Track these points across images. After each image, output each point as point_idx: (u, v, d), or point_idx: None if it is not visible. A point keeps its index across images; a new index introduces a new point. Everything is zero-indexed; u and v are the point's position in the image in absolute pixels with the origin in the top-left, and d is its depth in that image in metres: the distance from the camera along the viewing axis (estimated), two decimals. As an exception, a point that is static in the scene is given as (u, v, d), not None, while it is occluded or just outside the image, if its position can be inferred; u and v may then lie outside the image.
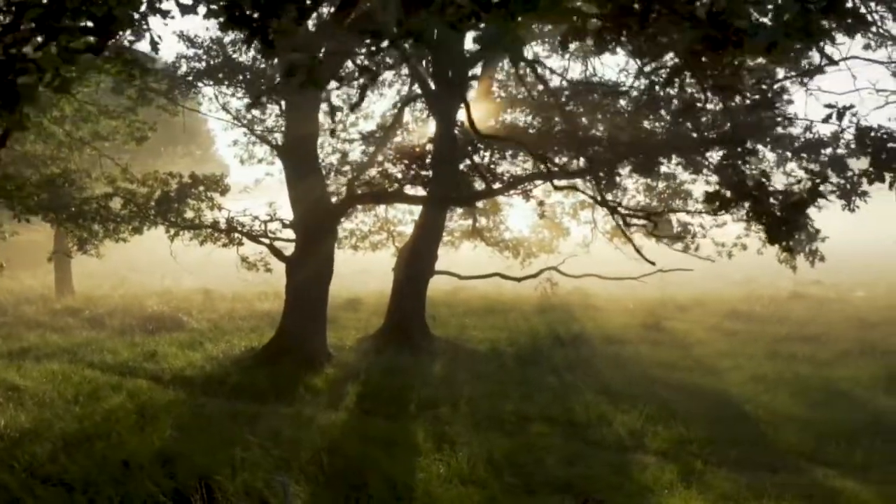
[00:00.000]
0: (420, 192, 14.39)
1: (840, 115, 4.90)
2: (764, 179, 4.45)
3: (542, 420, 9.42)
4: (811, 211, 15.82)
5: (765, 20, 2.70)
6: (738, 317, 18.65)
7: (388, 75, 18.12)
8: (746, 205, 4.41)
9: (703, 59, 2.84)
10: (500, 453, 7.77)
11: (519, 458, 7.62)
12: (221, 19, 3.03)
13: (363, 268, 28.17)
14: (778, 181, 16.77)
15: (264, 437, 7.83)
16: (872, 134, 5.68)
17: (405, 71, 16.81)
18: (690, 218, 17.87)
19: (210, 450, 6.98)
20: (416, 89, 15.02)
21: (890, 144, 5.53)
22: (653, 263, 12.73)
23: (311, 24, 11.76)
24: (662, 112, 9.91)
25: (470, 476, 7.01)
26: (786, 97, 16.76)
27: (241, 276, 16.73)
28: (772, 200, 4.26)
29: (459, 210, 21.14)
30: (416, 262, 15.23)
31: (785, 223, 4.08)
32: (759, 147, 11.67)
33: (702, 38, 2.62)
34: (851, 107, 4.95)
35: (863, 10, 13.76)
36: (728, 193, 4.58)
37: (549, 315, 19.21)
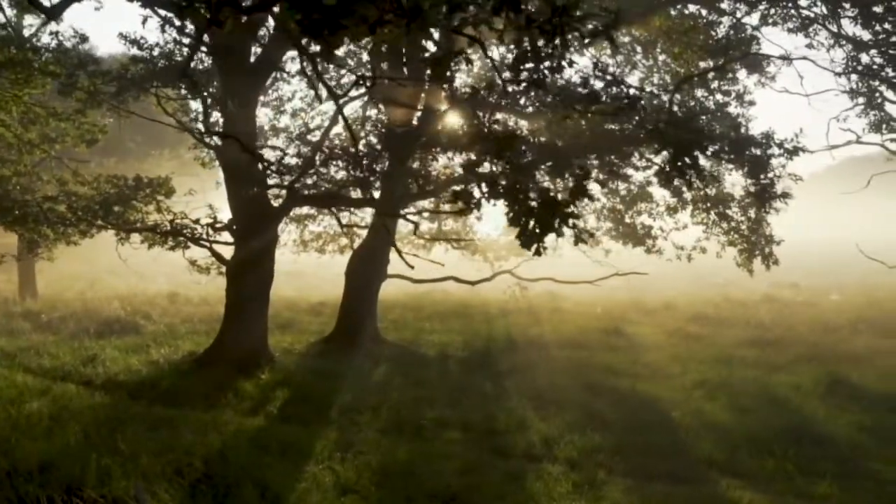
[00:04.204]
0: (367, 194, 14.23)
1: (632, 105, 4.67)
2: (521, 178, 4.25)
3: (460, 427, 9.25)
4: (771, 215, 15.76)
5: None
6: (702, 320, 18.41)
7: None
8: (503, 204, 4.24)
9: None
10: (399, 461, 7.62)
11: (416, 467, 7.45)
12: None
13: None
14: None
15: (162, 443, 7.71)
16: (672, 132, 5.47)
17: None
18: (652, 221, 17.75)
19: (87, 458, 6.82)
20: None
21: (686, 137, 5.31)
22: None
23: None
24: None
25: (354, 485, 6.86)
26: (747, 98, 16.80)
27: (213, 280, 16.54)
28: (532, 201, 4.07)
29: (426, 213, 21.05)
30: (368, 265, 15.09)
31: (541, 224, 3.89)
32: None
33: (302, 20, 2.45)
34: (640, 99, 4.74)
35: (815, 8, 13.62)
36: (476, 192, 4.40)
37: (513, 319, 19.03)
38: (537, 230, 4.01)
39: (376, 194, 13.68)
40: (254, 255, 12.41)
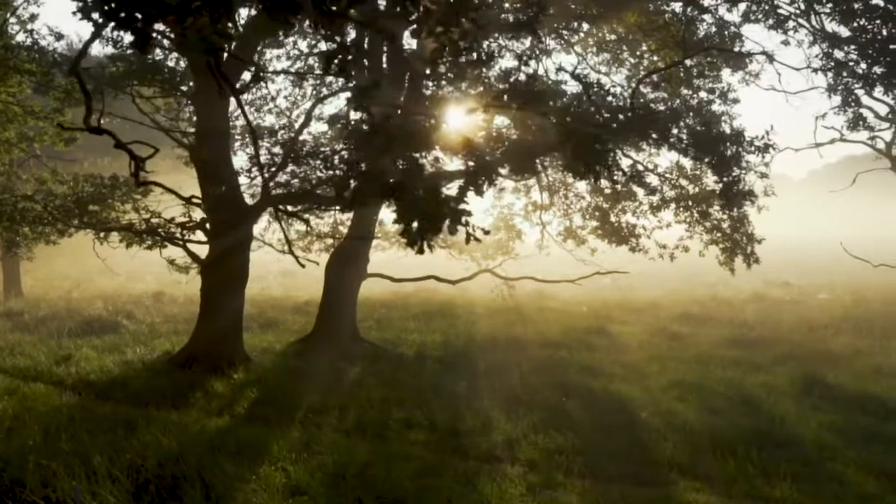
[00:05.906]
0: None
1: (534, 100, 4.60)
2: (411, 175, 4.14)
3: (425, 427, 9.15)
4: (752, 214, 15.64)
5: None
6: (687, 319, 18.29)
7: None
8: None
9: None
10: (356, 462, 7.53)
11: (372, 468, 7.35)
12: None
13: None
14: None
15: (117, 444, 7.64)
16: (575, 126, 5.36)
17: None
18: (636, 219, 17.62)
19: (27, 458, 6.75)
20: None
21: (588, 131, 5.21)
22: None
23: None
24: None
25: (306, 486, 6.77)
26: (731, 96, 16.71)
27: (198, 279, 16.33)
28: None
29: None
30: (347, 264, 15.00)
31: (428, 221, 3.79)
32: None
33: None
34: (548, 95, 4.69)
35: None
36: (364, 189, 4.31)
37: (498, 318, 18.91)
38: (424, 228, 3.90)
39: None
40: (227, 253, 12.32)
